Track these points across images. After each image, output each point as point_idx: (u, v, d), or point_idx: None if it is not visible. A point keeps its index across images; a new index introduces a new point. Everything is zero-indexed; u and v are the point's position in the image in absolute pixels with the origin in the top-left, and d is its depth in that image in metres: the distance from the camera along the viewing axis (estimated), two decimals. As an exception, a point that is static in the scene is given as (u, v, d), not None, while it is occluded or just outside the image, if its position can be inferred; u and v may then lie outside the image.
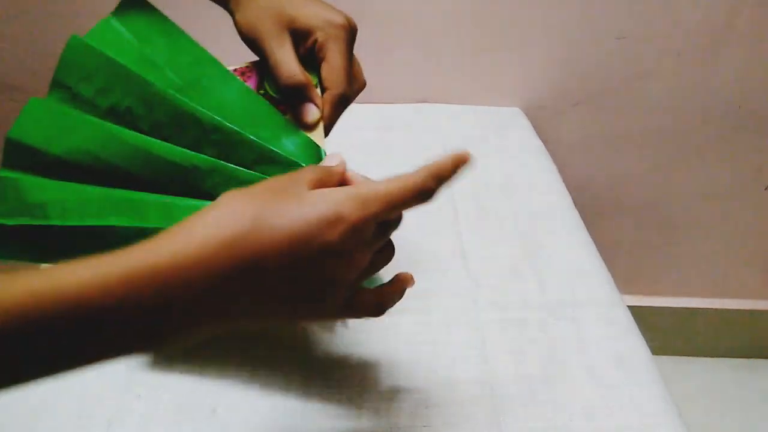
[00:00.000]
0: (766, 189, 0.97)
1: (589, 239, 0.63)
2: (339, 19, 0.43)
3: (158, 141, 0.41)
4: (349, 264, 0.33)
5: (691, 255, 1.06)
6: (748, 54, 0.83)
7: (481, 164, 0.75)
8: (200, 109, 0.41)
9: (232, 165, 0.41)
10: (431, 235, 0.62)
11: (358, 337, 0.51)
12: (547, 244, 0.62)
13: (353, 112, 0.83)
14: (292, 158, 0.41)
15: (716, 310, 1.11)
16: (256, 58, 0.45)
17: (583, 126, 0.91)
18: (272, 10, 0.43)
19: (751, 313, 1.12)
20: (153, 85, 0.42)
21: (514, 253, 0.60)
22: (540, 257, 0.60)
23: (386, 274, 0.40)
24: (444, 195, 0.67)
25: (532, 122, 0.85)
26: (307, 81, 0.42)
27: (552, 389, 0.47)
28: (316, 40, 0.43)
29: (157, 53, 0.44)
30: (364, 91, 0.89)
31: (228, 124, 0.41)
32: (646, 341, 0.52)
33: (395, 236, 0.60)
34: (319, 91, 0.43)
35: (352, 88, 0.45)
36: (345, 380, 0.47)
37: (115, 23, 0.45)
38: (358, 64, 0.46)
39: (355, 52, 0.45)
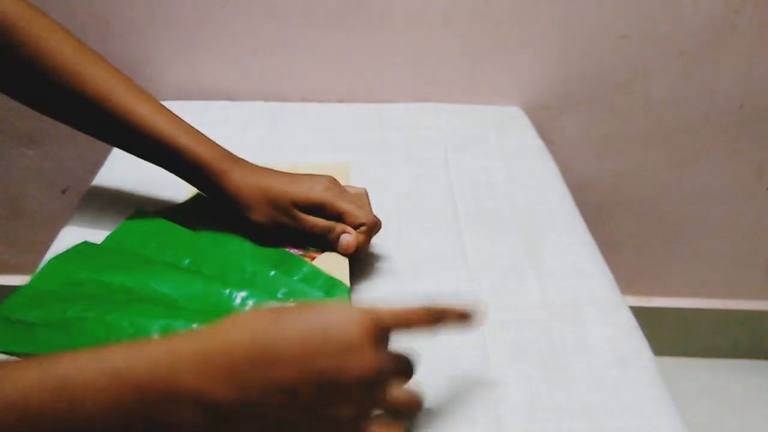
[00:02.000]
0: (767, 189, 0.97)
1: (591, 239, 0.63)
2: (326, 183, 0.53)
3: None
4: (366, 362, 0.33)
5: (693, 255, 1.06)
6: (750, 53, 0.83)
7: (481, 164, 0.75)
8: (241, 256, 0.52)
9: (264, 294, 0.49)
10: (431, 234, 0.62)
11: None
12: (548, 244, 0.61)
13: (354, 111, 0.83)
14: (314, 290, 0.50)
15: (718, 310, 1.11)
16: None
17: (584, 125, 0.90)
18: (275, 206, 0.52)
19: (753, 313, 1.11)
20: (201, 237, 0.55)
21: (515, 253, 0.60)
22: (541, 257, 0.60)
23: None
24: (444, 195, 0.67)
25: (532, 121, 0.84)
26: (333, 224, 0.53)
27: (553, 390, 0.47)
28: (327, 208, 0.52)
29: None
30: (365, 90, 0.90)
31: (266, 268, 0.51)
32: (648, 342, 0.52)
33: (396, 237, 0.60)
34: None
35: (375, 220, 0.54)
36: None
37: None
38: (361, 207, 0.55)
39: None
